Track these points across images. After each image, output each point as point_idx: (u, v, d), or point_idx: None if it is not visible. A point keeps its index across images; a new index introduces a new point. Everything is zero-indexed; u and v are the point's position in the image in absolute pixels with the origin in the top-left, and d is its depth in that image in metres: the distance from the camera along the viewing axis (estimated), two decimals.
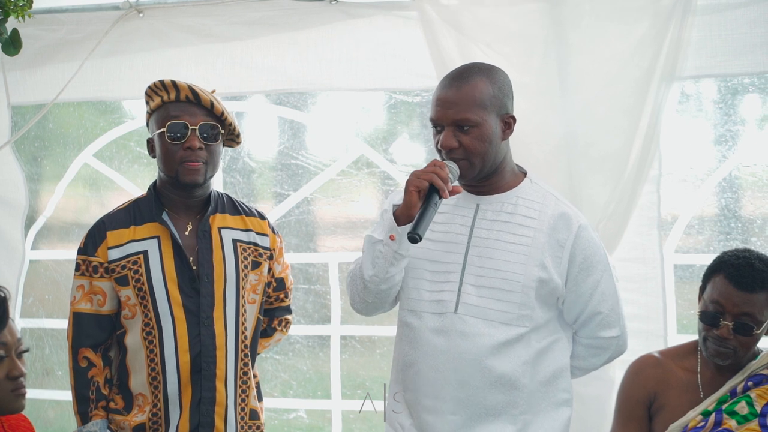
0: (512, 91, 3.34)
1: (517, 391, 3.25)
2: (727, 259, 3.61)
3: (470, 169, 3.26)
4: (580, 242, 3.28)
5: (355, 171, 5.29)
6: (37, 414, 5.46)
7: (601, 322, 3.34)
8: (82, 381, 3.68)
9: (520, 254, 3.25)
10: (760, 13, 4.24)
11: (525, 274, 3.24)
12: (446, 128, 3.24)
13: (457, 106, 3.22)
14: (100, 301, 3.69)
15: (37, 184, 5.46)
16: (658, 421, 3.73)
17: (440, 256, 3.32)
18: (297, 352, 5.48)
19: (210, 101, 3.66)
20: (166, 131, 3.63)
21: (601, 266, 3.32)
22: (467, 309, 3.25)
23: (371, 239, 3.28)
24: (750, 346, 3.59)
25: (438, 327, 3.28)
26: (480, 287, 3.25)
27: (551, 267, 3.25)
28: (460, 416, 3.26)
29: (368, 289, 3.32)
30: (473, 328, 3.24)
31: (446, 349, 3.26)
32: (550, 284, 3.25)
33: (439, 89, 3.30)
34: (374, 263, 3.27)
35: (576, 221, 3.30)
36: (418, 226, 3.11)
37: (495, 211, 3.32)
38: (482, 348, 3.23)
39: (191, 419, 3.65)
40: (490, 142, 3.24)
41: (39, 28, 4.88)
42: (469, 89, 3.23)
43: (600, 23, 4.30)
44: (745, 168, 4.85)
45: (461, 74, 3.29)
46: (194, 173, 3.63)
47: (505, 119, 3.28)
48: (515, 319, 3.24)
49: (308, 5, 4.68)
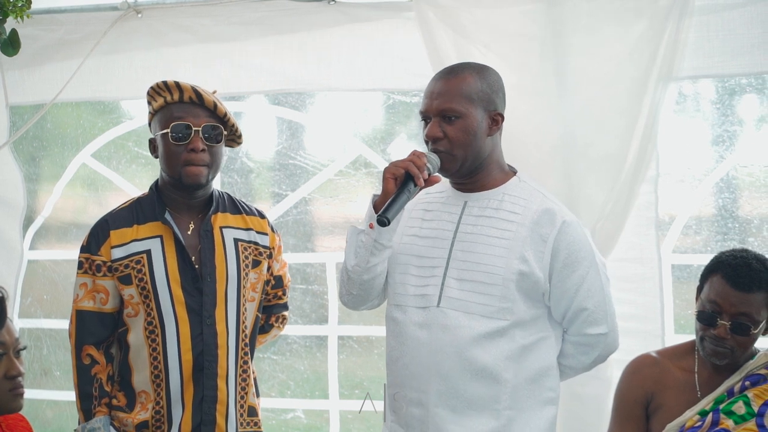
0: (503, 91, 3.37)
1: (500, 386, 3.25)
2: (724, 260, 3.62)
3: (452, 161, 3.29)
4: (563, 237, 3.28)
5: (353, 171, 5.29)
6: (36, 414, 5.46)
7: (588, 319, 3.33)
8: (85, 378, 3.69)
9: (502, 248, 3.27)
10: (757, 14, 4.24)
11: (506, 267, 3.25)
12: (432, 119, 3.30)
13: (443, 96, 3.28)
14: (102, 300, 3.70)
15: (36, 184, 5.46)
16: (655, 420, 3.73)
17: (426, 252, 3.35)
18: (294, 352, 5.49)
19: (213, 102, 3.67)
20: (169, 132, 3.63)
21: (586, 262, 3.31)
22: (449, 302, 3.27)
23: (354, 230, 3.34)
24: (747, 346, 3.59)
25: (421, 321, 3.30)
26: (462, 281, 3.28)
27: (532, 261, 3.26)
28: (443, 409, 3.27)
29: (352, 279, 3.37)
30: (454, 321, 3.26)
31: (428, 342, 3.28)
32: (531, 278, 3.26)
33: (429, 84, 3.36)
34: (356, 253, 3.32)
35: (560, 217, 3.30)
36: (388, 210, 3.16)
37: (481, 207, 3.34)
38: (462, 340, 3.25)
39: (194, 417, 3.67)
40: (474, 135, 3.27)
41: (37, 29, 4.87)
42: (457, 81, 3.29)
43: (597, 24, 4.30)
44: (742, 168, 4.86)
45: (452, 69, 3.36)
46: (197, 175, 3.64)
47: (492, 116, 3.31)
48: (496, 312, 3.25)
49: (307, 6, 4.69)
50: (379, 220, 3.15)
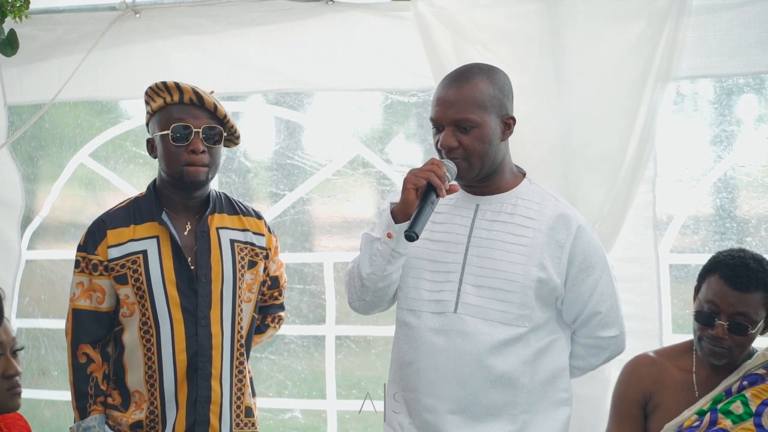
0: (512, 92, 3.34)
1: (517, 391, 3.25)
2: (722, 259, 3.62)
3: (469, 169, 3.26)
4: (579, 243, 3.28)
5: (351, 171, 5.29)
6: (34, 414, 5.46)
7: (600, 322, 3.34)
8: (81, 377, 3.70)
9: (520, 254, 3.25)
10: (755, 14, 4.24)
11: (524, 275, 3.24)
12: (446, 128, 3.24)
13: (457, 106, 3.22)
14: (99, 299, 3.71)
15: (34, 184, 5.46)
16: (653, 420, 3.73)
17: (440, 256, 3.32)
18: (292, 352, 5.48)
19: (214, 104, 3.67)
20: (170, 133, 3.64)
21: (600, 266, 3.32)
22: (467, 309, 3.25)
23: (369, 237, 3.28)
24: (745, 346, 3.59)
25: (437, 327, 3.28)
26: (480, 287, 3.26)
27: (550, 267, 3.26)
28: (459, 415, 3.26)
29: (366, 287, 3.32)
30: (473, 327, 3.24)
31: (446, 348, 3.26)
32: (549, 284, 3.26)
33: (439, 89, 3.30)
34: (372, 261, 3.27)
35: (575, 222, 3.30)
36: (415, 224, 3.11)
37: (494, 211, 3.32)
38: (482, 347, 3.23)
39: (188, 417, 3.67)
40: (489, 142, 3.24)
41: (36, 29, 4.87)
42: (470, 89, 3.23)
43: (596, 24, 4.30)
44: (740, 168, 4.86)
45: (462, 74, 3.30)
46: (197, 175, 3.64)
47: (505, 120, 3.28)
48: (515, 319, 3.24)
49: (305, 5, 4.68)
50: (408, 236, 3.10)
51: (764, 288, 3.56)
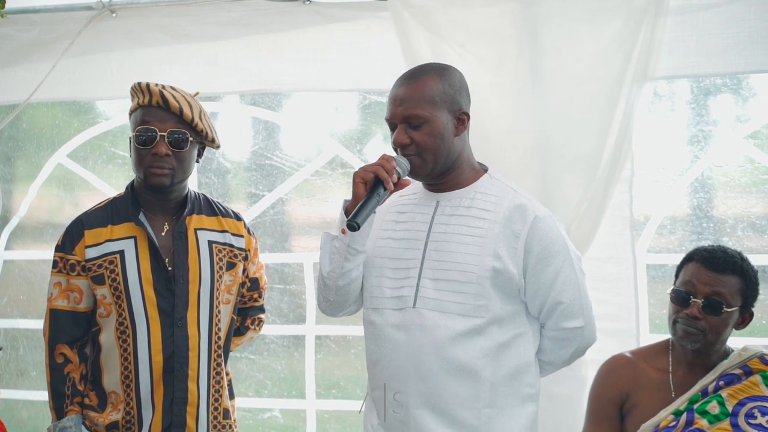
0: (467, 89, 3.38)
1: (479, 384, 3.26)
2: (700, 248, 3.69)
3: (423, 165, 3.30)
4: (536, 233, 3.29)
5: (330, 171, 5.29)
6: (11, 414, 5.45)
7: (563, 312, 3.34)
8: (58, 377, 3.70)
9: (475, 245, 3.28)
10: (732, 14, 4.24)
11: (479, 265, 3.26)
12: (398, 126, 3.29)
13: (406, 103, 3.28)
14: (76, 299, 3.71)
15: (11, 184, 5.45)
16: (629, 420, 3.74)
17: (401, 253, 3.35)
18: (272, 352, 5.49)
19: (179, 108, 3.66)
20: (135, 135, 3.64)
21: (561, 256, 3.32)
22: (425, 303, 3.28)
23: (328, 236, 3.34)
24: (719, 331, 3.59)
25: (398, 322, 3.31)
26: (437, 280, 3.29)
27: (506, 257, 3.27)
28: (424, 410, 3.28)
29: (328, 286, 3.38)
30: (431, 320, 3.27)
31: (407, 343, 3.29)
32: (505, 274, 3.26)
33: (392, 89, 3.35)
34: (331, 259, 3.33)
35: (532, 212, 3.31)
36: (357, 214, 3.16)
37: (453, 206, 3.35)
38: (440, 339, 3.25)
39: (164, 419, 3.68)
40: (441, 137, 3.28)
41: (12, 29, 4.85)
42: (419, 86, 3.28)
43: (572, 24, 4.30)
44: (717, 168, 4.88)
45: (413, 74, 3.36)
46: (160, 177, 3.64)
47: (457, 115, 3.31)
48: (472, 310, 3.26)
49: (282, 6, 4.67)
50: (349, 225, 3.16)
51: (741, 274, 3.59)
